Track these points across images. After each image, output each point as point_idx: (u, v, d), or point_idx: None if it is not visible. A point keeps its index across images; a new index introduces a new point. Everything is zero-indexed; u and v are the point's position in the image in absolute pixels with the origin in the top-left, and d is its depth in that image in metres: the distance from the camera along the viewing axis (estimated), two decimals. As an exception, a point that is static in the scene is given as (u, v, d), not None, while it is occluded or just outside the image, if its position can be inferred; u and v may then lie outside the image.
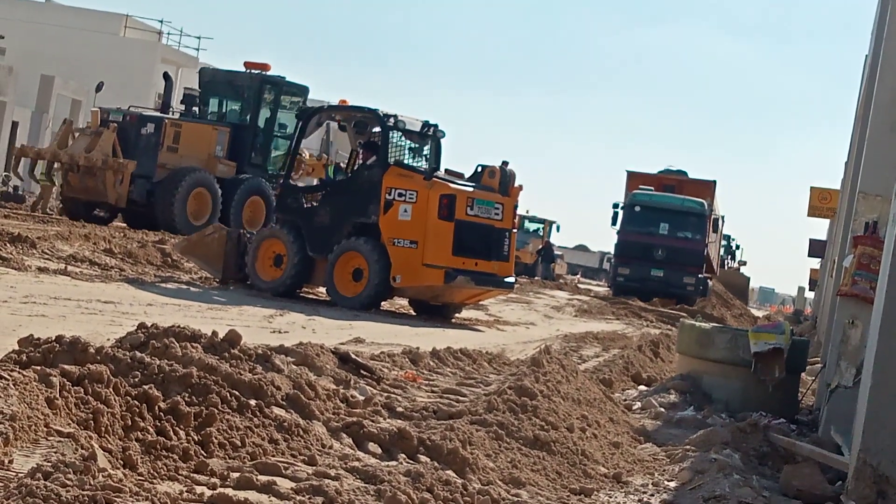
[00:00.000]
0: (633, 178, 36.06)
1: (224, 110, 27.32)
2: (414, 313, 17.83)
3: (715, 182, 36.19)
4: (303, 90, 27.57)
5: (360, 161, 17.64)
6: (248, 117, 26.93)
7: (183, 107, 28.10)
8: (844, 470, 6.88)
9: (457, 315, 18.01)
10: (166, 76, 27.64)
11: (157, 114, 26.74)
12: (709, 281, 35.09)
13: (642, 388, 12.05)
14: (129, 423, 5.20)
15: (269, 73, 26.95)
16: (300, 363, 7.72)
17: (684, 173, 37.18)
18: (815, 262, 49.49)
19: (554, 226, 56.15)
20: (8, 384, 4.72)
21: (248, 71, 27.02)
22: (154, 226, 24.53)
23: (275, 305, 14.99)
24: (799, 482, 7.30)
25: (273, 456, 5.68)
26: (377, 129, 17.47)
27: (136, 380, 5.75)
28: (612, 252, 36.36)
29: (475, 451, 6.58)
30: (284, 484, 5.18)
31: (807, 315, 45.08)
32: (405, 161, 17.25)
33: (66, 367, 5.36)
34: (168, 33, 57.22)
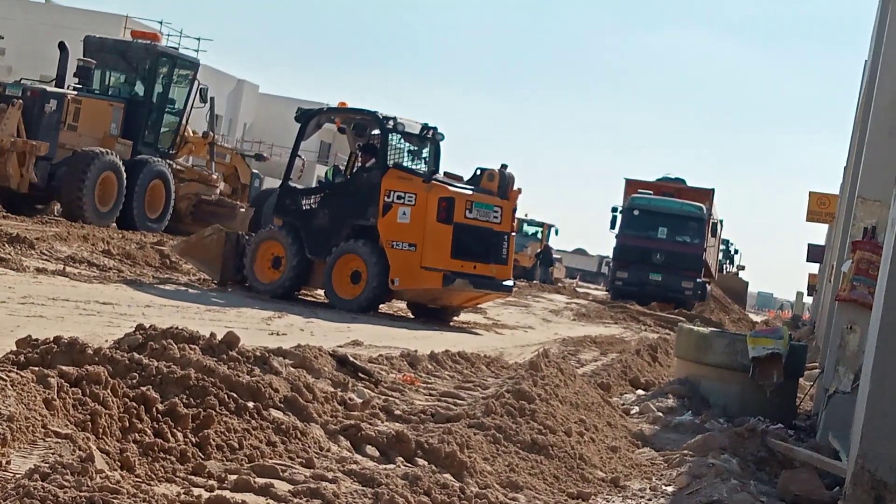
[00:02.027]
0: (632, 186, 36.07)
1: (108, 83, 25.18)
2: (412, 316, 17.83)
3: (713, 190, 36.23)
4: (194, 64, 26.18)
5: (359, 163, 17.64)
6: (142, 92, 24.97)
7: (77, 81, 24.93)
8: (842, 475, 6.88)
9: (455, 318, 18.01)
10: (62, 46, 24.26)
11: (59, 89, 23.91)
12: (707, 285, 35.12)
13: (640, 392, 12.04)
14: (127, 425, 5.20)
15: (158, 43, 25.44)
16: (298, 365, 7.71)
17: (682, 181, 37.21)
18: (814, 267, 49.47)
19: (552, 229, 56.23)
20: (6, 385, 4.71)
21: (136, 41, 25.37)
22: (41, 211, 22.62)
23: (273, 307, 14.99)
24: (797, 487, 7.30)
25: (271, 458, 5.68)
26: (376, 131, 17.47)
27: (134, 381, 5.75)
28: (611, 256, 36.40)
29: (473, 454, 6.57)
30: (282, 486, 5.18)
31: (805, 320, 45.06)
32: (404, 164, 17.25)
33: (64, 368, 5.36)
34: (168, 34, 57.18)
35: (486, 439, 7.02)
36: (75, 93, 24.00)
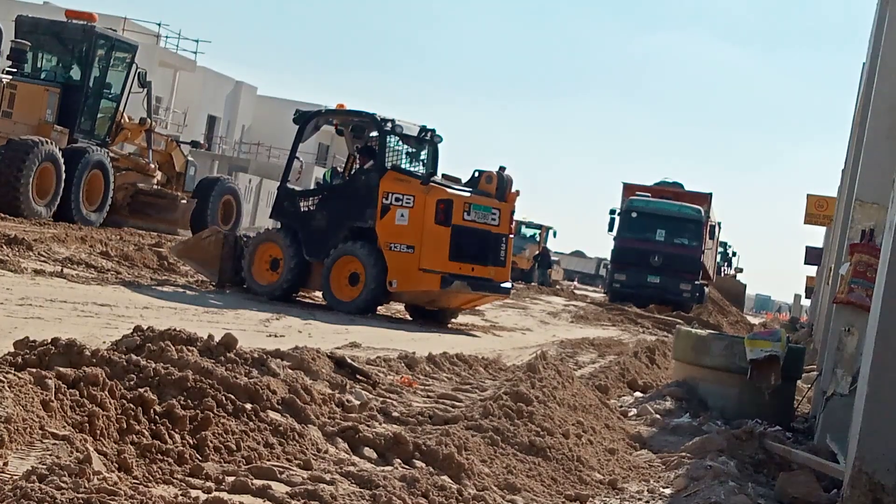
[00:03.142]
0: (629, 190, 36.08)
1: (42, 66, 23.65)
2: (410, 318, 17.82)
3: (711, 194, 36.23)
4: (133, 47, 24.75)
5: (358, 165, 17.64)
6: (78, 76, 23.52)
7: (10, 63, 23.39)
8: (840, 478, 6.88)
9: (453, 320, 18.01)
10: None
11: None
12: (705, 288, 35.14)
13: (638, 394, 12.05)
14: (125, 427, 5.20)
15: (94, 25, 23.76)
16: (296, 367, 7.71)
17: (680, 185, 37.22)
18: (812, 270, 49.51)
19: (551, 231, 56.26)
20: (3, 386, 4.71)
21: (71, 21, 23.66)
22: None
23: (271, 309, 14.98)
24: (794, 490, 7.30)
25: (268, 460, 5.67)
26: (375, 133, 17.47)
27: (132, 383, 5.74)
28: (609, 258, 36.42)
29: (471, 456, 6.57)
30: (279, 488, 5.17)
31: (803, 322, 45.10)
32: (402, 166, 17.26)
33: (61, 369, 5.35)
34: (166, 36, 57.17)
35: (483, 441, 7.02)
36: (9, 77, 22.58)
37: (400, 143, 17.37)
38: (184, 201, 25.27)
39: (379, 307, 17.27)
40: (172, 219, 25.34)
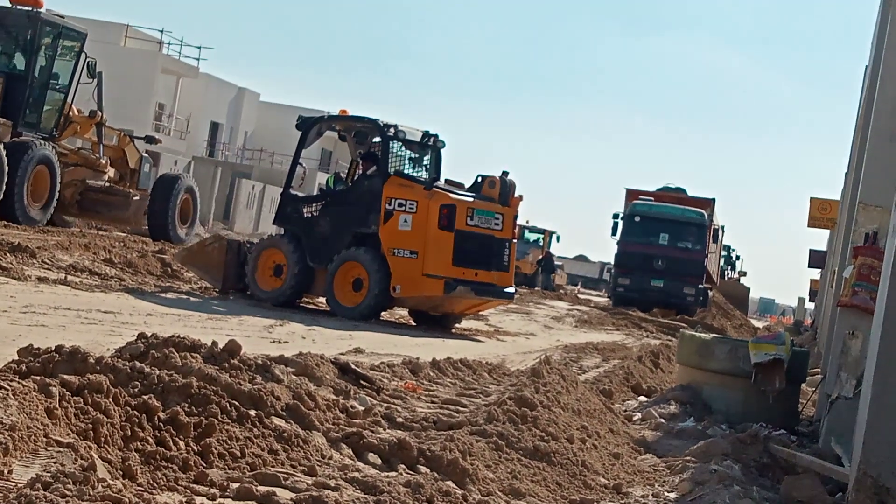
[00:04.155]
0: (632, 196, 36.05)
1: None
2: (414, 323, 17.82)
3: (714, 200, 36.18)
4: (81, 35, 23.11)
5: (361, 171, 17.65)
6: (22, 65, 22.09)
7: None
8: (845, 481, 6.87)
9: (457, 325, 18.01)
10: None
11: None
12: (709, 291, 35.10)
13: (642, 398, 12.04)
14: (129, 434, 5.20)
15: (41, 10, 22.14)
16: (300, 373, 7.71)
17: (683, 190, 37.17)
18: (816, 273, 49.49)
19: (554, 236, 56.22)
20: (7, 394, 4.71)
21: (15, 6, 22.14)
22: None
23: (275, 315, 14.98)
24: (799, 493, 7.29)
25: (273, 466, 5.67)
26: (377, 139, 17.48)
27: (136, 390, 5.75)
28: (612, 262, 36.37)
29: (475, 461, 6.57)
30: (284, 494, 5.17)
31: (807, 326, 45.05)
32: (405, 171, 17.26)
33: (65, 377, 5.36)
34: (169, 43, 57.38)
35: (488, 446, 7.02)
36: None
37: (403, 148, 17.38)
38: (136, 198, 23.70)
39: (383, 313, 17.27)
40: (124, 217, 23.87)
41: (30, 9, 22.09)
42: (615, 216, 34.24)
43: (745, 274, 63.89)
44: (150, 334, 6.99)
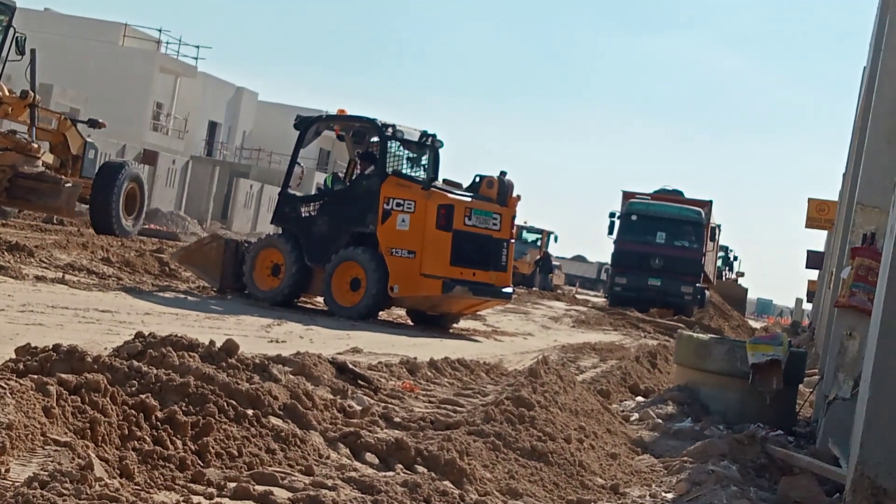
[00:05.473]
0: (629, 198, 36.07)
1: None
2: (411, 323, 17.83)
3: (711, 202, 36.19)
4: (9, 7, 21.34)
5: (359, 171, 17.66)
6: None
7: None
8: (842, 482, 6.88)
9: (454, 325, 18.01)
10: None
11: None
12: (706, 291, 35.10)
13: (640, 399, 12.04)
14: (126, 433, 5.20)
15: None
16: (297, 373, 7.71)
17: (680, 192, 37.18)
18: (813, 274, 49.44)
19: (552, 236, 56.25)
20: (5, 393, 4.71)
21: None
22: None
23: (272, 315, 14.98)
24: (796, 494, 7.29)
25: (270, 466, 5.67)
26: (375, 138, 17.48)
27: (134, 389, 5.75)
28: (609, 261, 36.37)
29: (472, 461, 6.57)
30: (281, 494, 5.17)
31: (804, 326, 45.06)
32: (403, 171, 17.27)
33: (63, 375, 5.35)
34: (167, 42, 57.47)
35: (485, 446, 7.02)
36: None
37: (401, 148, 17.38)
38: (69, 185, 21.28)
39: (380, 312, 17.27)
40: (55, 205, 21.52)
41: None
42: (612, 215, 34.23)
43: (742, 274, 63.92)
44: (147, 333, 6.99)
